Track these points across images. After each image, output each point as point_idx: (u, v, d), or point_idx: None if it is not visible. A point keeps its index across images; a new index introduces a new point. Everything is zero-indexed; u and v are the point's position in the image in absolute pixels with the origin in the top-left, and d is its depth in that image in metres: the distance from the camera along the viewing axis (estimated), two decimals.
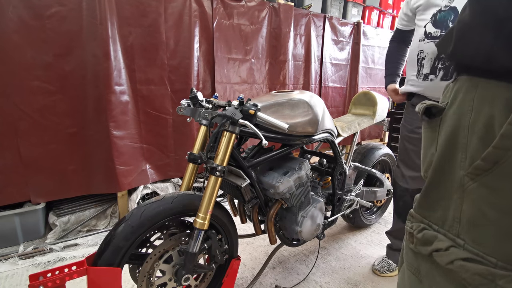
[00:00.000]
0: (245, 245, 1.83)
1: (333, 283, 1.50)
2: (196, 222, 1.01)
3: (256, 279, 1.43)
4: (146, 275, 1.01)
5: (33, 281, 0.83)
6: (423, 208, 0.57)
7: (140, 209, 0.97)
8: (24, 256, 1.67)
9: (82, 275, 0.89)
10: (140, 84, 2.05)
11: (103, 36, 1.79)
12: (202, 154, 1.06)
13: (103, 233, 1.97)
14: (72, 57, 1.78)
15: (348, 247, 1.84)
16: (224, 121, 1.05)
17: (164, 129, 2.20)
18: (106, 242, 0.93)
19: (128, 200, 2.09)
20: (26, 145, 1.74)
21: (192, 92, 1.24)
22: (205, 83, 2.38)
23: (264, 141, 1.02)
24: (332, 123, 1.47)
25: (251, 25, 2.54)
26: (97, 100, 1.86)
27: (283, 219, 1.32)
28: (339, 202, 1.58)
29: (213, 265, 1.15)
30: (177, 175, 2.31)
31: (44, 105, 1.75)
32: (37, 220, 1.84)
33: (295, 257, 1.72)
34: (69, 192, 1.92)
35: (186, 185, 1.22)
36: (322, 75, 3.21)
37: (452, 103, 0.53)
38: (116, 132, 1.91)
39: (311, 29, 2.97)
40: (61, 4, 1.71)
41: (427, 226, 0.56)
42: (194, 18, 2.18)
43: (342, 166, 1.53)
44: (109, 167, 1.94)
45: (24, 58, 1.66)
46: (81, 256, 1.69)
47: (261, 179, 1.21)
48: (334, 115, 3.40)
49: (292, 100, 1.24)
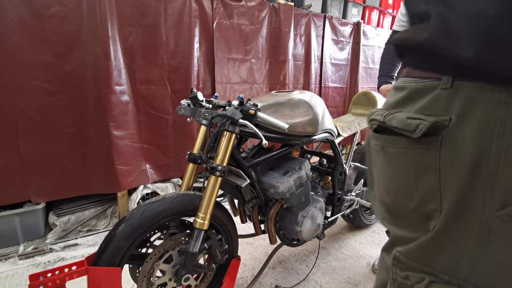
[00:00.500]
0: (245, 245, 1.83)
1: (333, 283, 1.50)
2: (196, 222, 1.01)
3: (256, 279, 1.43)
4: (146, 275, 1.01)
5: (33, 281, 0.83)
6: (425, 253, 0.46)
7: (140, 209, 0.97)
8: (24, 256, 1.67)
9: (82, 275, 0.89)
10: (140, 84, 2.05)
11: (103, 36, 1.79)
12: (202, 154, 1.06)
13: (103, 233, 1.97)
14: (72, 57, 1.78)
15: (348, 247, 1.84)
16: (224, 121, 1.05)
17: (164, 129, 2.20)
18: (106, 242, 0.93)
19: (128, 200, 2.09)
20: (26, 145, 1.73)
21: (192, 92, 1.24)
22: (205, 83, 2.38)
23: (264, 141, 1.02)
24: (332, 123, 1.47)
25: (251, 25, 2.54)
26: (97, 100, 1.86)
27: (283, 219, 1.32)
28: (339, 202, 1.58)
29: (213, 265, 1.15)
30: (177, 175, 2.31)
31: (44, 105, 1.75)
32: (37, 220, 1.84)
33: (295, 257, 1.72)
34: (69, 192, 1.92)
35: (186, 185, 1.22)
36: (322, 75, 3.21)
37: (462, 119, 0.40)
38: (116, 132, 1.91)
39: (311, 29, 2.97)
40: (61, 4, 1.71)
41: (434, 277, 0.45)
42: (194, 18, 2.18)
43: (342, 166, 1.53)
44: (109, 167, 1.94)
45: (24, 58, 1.66)
46: (81, 256, 1.69)
47: (261, 179, 1.21)
48: (334, 115, 3.39)
49: (292, 100, 1.24)
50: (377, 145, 0.51)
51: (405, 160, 0.46)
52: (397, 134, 0.46)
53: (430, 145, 0.43)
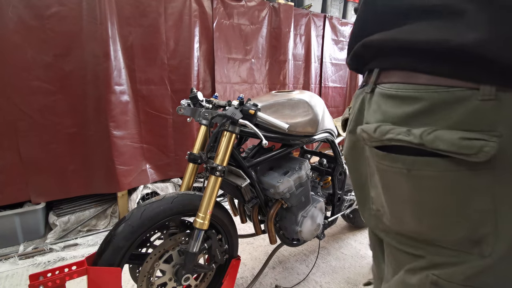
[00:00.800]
0: (245, 245, 1.83)
1: (333, 283, 1.50)
2: (196, 222, 1.01)
3: (256, 279, 1.43)
4: (146, 275, 1.01)
5: (33, 281, 0.83)
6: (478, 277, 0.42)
7: (140, 209, 0.97)
8: (24, 256, 1.67)
9: (82, 275, 0.89)
10: (140, 84, 2.05)
11: (103, 36, 1.79)
12: (202, 154, 1.06)
13: (103, 233, 1.97)
14: (72, 57, 1.78)
15: (348, 247, 1.84)
16: (224, 121, 1.05)
17: (164, 129, 2.20)
18: (106, 242, 0.93)
19: (128, 200, 2.09)
20: (26, 145, 1.73)
21: (192, 92, 1.24)
22: (205, 83, 2.38)
23: (264, 141, 1.02)
24: (332, 123, 1.47)
25: (251, 25, 2.54)
26: (97, 100, 1.86)
27: (283, 219, 1.32)
28: (339, 202, 1.58)
29: (213, 265, 1.15)
30: (177, 175, 2.31)
31: (44, 105, 1.75)
32: (37, 220, 1.84)
33: (295, 257, 1.72)
34: (69, 192, 1.92)
35: (186, 185, 1.22)
36: (322, 75, 3.21)
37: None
38: (116, 132, 1.91)
39: (311, 29, 2.97)
40: (61, 4, 1.71)
41: None
42: (194, 18, 2.18)
43: (342, 166, 1.53)
44: (109, 167, 1.94)
45: (24, 58, 1.66)
46: (81, 256, 1.69)
47: (261, 179, 1.21)
48: (334, 115, 3.39)
49: (292, 100, 1.24)
50: (395, 167, 0.45)
51: (447, 184, 0.41)
52: (432, 155, 0.40)
53: (478, 166, 0.38)
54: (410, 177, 0.44)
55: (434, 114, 0.41)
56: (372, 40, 0.49)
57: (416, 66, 0.44)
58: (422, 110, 0.42)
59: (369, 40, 0.50)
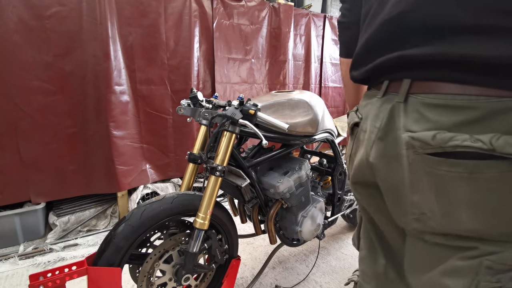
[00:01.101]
0: (245, 245, 1.83)
1: (333, 283, 1.50)
2: (196, 222, 1.01)
3: (256, 279, 1.43)
4: (146, 275, 1.01)
5: (33, 281, 0.83)
6: None
7: (140, 209, 0.97)
8: (24, 256, 1.67)
9: (82, 275, 0.89)
10: (140, 84, 2.05)
11: (103, 36, 1.79)
12: (202, 154, 1.06)
13: (103, 233, 1.97)
14: (72, 57, 1.78)
15: (348, 247, 1.84)
16: (224, 121, 1.05)
17: (164, 129, 2.20)
18: (106, 242, 0.93)
19: (128, 200, 2.09)
20: (26, 145, 1.74)
21: (192, 92, 1.24)
22: (205, 83, 2.38)
23: (264, 141, 1.02)
24: (332, 123, 1.47)
25: (251, 25, 2.54)
26: (97, 100, 1.86)
27: (283, 219, 1.32)
28: (339, 202, 1.58)
29: (213, 265, 1.15)
30: (177, 175, 2.31)
31: (44, 105, 1.75)
32: (37, 220, 1.84)
33: (295, 257, 1.72)
34: (69, 192, 1.92)
35: (186, 185, 1.22)
36: (322, 75, 3.21)
37: None
38: (116, 132, 1.91)
39: (311, 29, 2.97)
40: (61, 4, 1.71)
41: None
42: (194, 18, 2.18)
43: (342, 166, 1.53)
44: (109, 167, 1.94)
45: (24, 58, 1.66)
46: (81, 256, 1.69)
47: (261, 179, 1.21)
48: (334, 115, 3.40)
49: (292, 100, 1.24)
50: (454, 171, 0.48)
51: (509, 183, 0.45)
52: (495, 158, 0.44)
53: None
54: (471, 179, 0.47)
55: (489, 122, 0.45)
56: (415, 55, 0.52)
57: (464, 78, 0.47)
58: (477, 119, 0.46)
59: (409, 54, 0.52)
